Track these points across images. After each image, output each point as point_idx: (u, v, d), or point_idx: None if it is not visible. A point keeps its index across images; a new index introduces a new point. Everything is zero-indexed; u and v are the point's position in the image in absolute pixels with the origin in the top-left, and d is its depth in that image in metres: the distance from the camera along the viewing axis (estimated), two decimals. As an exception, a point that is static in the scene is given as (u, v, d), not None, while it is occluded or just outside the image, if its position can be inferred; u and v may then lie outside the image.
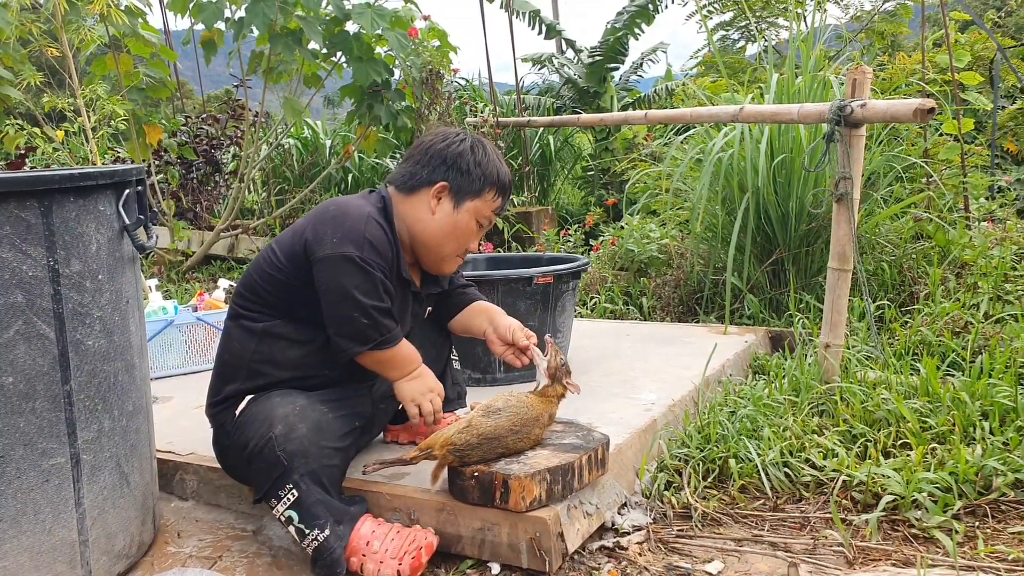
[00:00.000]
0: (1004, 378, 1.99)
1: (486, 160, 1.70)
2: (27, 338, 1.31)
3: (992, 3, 8.75)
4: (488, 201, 1.70)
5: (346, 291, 1.52)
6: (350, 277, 1.52)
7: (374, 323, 1.54)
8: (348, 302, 1.52)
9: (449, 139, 1.70)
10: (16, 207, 1.29)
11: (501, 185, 1.72)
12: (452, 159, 1.68)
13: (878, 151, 3.22)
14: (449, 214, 1.68)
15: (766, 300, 3.07)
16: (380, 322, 1.55)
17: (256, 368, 1.62)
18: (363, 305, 1.52)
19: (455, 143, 1.69)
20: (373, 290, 1.53)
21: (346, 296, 1.52)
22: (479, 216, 1.70)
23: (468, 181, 1.68)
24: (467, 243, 1.72)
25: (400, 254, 1.64)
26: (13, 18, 3.90)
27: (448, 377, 1.93)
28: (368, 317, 1.53)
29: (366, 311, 1.53)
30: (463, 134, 1.73)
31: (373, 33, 4.26)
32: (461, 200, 1.68)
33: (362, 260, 1.52)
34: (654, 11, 7.10)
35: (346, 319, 1.54)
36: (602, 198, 5.98)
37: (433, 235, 1.68)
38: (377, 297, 1.54)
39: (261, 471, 1.50)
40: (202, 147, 5.78)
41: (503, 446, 1.54)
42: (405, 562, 1.46)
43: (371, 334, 1.55)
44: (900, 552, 1.50)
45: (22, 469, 1.32)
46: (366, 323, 1.53)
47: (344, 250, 1.52)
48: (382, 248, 1.56)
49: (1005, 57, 4.22)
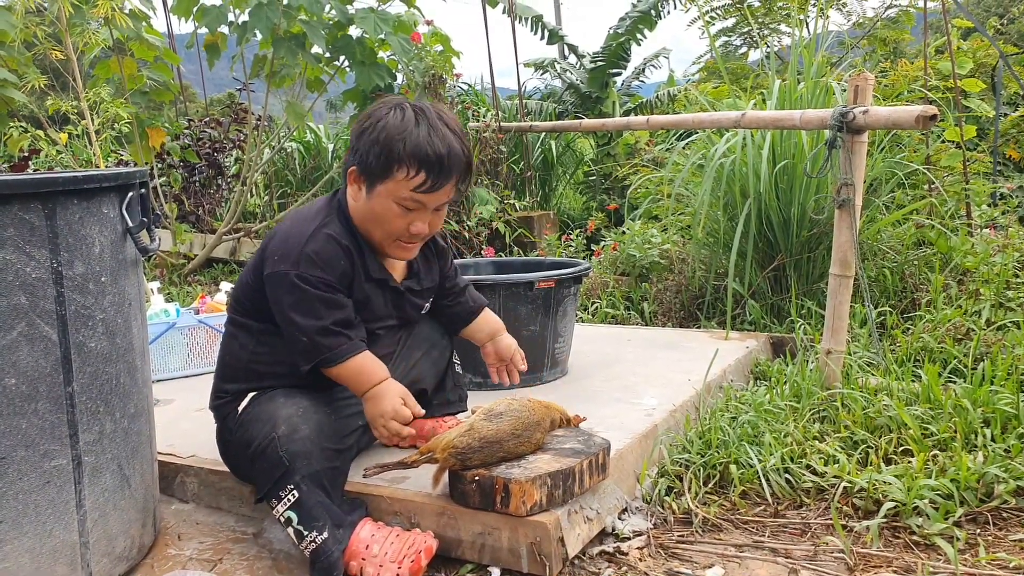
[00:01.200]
0: (1006, 385, 1.99)
1: (386, 134, 1.50)
2: (30, 340, 1.31)
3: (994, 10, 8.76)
4: (403, 182, 1.52)
5: (283, 310, 1.52)
6: (285, 296, 1.52)
7: (312, 342, 1.52)
8: (287, 321, 1.53)
9: (362, 117, 1.57)
10: (20, 209, 1.29)
11: (418, 159, 1.50)
12: (356, 139, 1.56)
13: (880, 157, 3.22)
14: (365, 200, 1.57)
15: (768, 306, 3.07)
16: (319, 342, 1.51)
17: (255, 369, 1.64)
18: (299, 325, 1.51)
19: (364, 119, 1.56)
20: (310, 309, 1.50)
21: (284, 315, 1.53)
22: (397, 199, 1.53)
23: (368, 162, 1.53)
24: (396, 227, 1.56)
25: (365, 256, 1.60)
26: (18, 21, 3.92)
27: (449, 380, 1.93)
28: (306, 336, 1.51)
29: (303, 331, 1.51)
30: (385, 107, 1.56)
31: (376, 38, 4.27)
32: (372, 184, 1.55)
33: (298, 278, 1.50)
34: (656, 17, 7.11)
35: (290, 337, 1.55)
36: (604, 203, 5.98)
37: (359, 222, 1.60)
38: (314, 316, 1.51)
39: (263, 471, 1.50)
40: (205, 150, 5.79)
41: (504, 450, 1.54)
42: (404, 566, 1.46)
43: (312, 353, 1.53)
44: (901, 559, 1.49)
45: (23, 470, 1.32)
46: (305, 342, 1.52)
47: (281, 268, 1.51)
48: (326, 260, 1.52)
49: (1007, 64, 4.22)
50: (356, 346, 1.55)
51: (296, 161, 6.81)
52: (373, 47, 4.45)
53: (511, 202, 5.14)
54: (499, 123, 5.22)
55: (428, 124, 1.53)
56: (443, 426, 1.87)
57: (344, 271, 1.56)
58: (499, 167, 5.29)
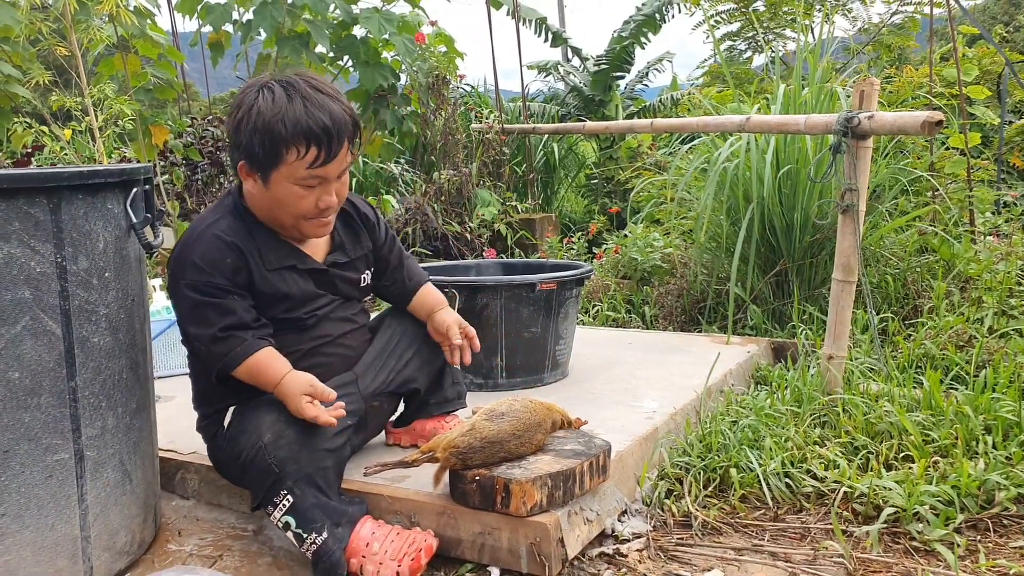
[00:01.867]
0: (1008, 392, 1.99)
1: (262, 120, 1.44)
2: (34, 334, 1.31)
3: (1000, 18, 8.78)
4: (295, 163, 1.46)
5: (181, 323, 1.54)
6: (180, 307, 1.53)
7: (207, 351, 1.51)
8: (184, 334, 1.55)
9: (235, 104, 1.50)
10: (25, 203, 1.29)
11: (303, 136, 1.43)
12: (234, 133, 1.49)
13: (884, 164, 3.22)
14: (263, 191, 1.52)
15: (769, 311, 3.07)
16: (212, 350, 1.51)
17: (227, 392, 1.61)
18: (193, 335, 1.52)
19: (235, 109, 1.49)
20: (202, 317, 1.50)
21: (182, 328, 1.55)
22: (296, 181, 1.48)
23: (254, 153, 1.47)
24: (304, 208, 1.52)
25: (260, 246, 1.56)
26: (22, 17, 3.92)
27: (447, 377, 1.90)
28: (202, 345, 1.51)
29: (199, 340, 1.51)
30: (249, 91, 1.49)
31: (380, 38, 4.27)
32: (265, 174, 1.49)
33: (187, 287, 1.49)
34: (661, 20, 7.12)
35: (191, 349, 1.58)
36: (606, 206, 5.98)
37: (265, 213, 1.57)
38: (206, 323, 1.49)
39: (255, 480, 1.50)
40: (208, 149, 5.79)
41: (506, 450, 1.54)
42: (404, 564, 1.46)
43: (209, 361, 1.53)
44: (901, 564, 1.49)
45: (26, 464, 1.32)
46: (203, 351, 1.52)
47: (173, 280, 1.52)
48: (213, 262, 1.49)
49: (1013, 72, 4.22)
50: (251, 346, 1.51)
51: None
52: (377, 47, 4.46)
53: (513, 204, 5.15)
54: (502, 125, 5.22)
55: (302, 96, 1.46)
56: (444, 425, 1.87)
57: (235, 268, 1.52)
58: (501, 169, 5.30)
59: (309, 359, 1.63)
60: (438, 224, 4.63)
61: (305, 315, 1.64)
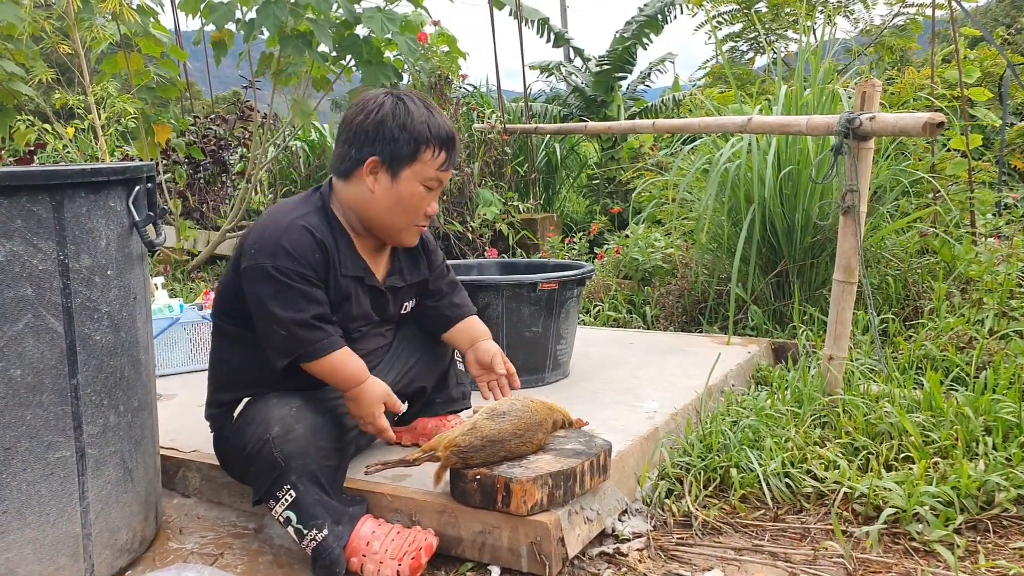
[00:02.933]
0: (1008, 394, 1.99)
1: (411, 120, 1.56)
2: (36, 331, 1.32)
3: (1002, 20, 8.77)
4: (428, 162, 1.58)
5: (262, 303, 1.50)
6: (264, 288, 1.49)
7: (291, 335, 1.50)
8: (265, 314, 1.51)
9: (367, 108, 1.58)
10: (28, 201, 1.30)
11: (440, 140, 1.58)
12: (374, 130, 1.56)
13: (885, 165, 3.22)
14: (389, 188, 1.58)
15: (770, 311, 3.07)
16: (297, 335, 1.50)
17: (248, 376, 1.62)
18: (278, 317, 1.49)
19: (374, 111, 1.57)
20: (290, 302, 1.49)
21: (263, 308, 1.50)
22: (423, 180, 1.59)
23: (397, 148, 1.56)
24: (419, 211, 1.62)
25: (341, 251, 1.59)
26: (26, 15, 3.93)
27: (452, 378, 1.93)
28: (285, 329, 1.49)
29: (282, 323, 1.49)
30: (382, 96, 1.60)
31: (383, 37, 4.28)
32: (398, 170, 1.57)
33: (276, 270, 1.48)
34: (663, 21, 7.11)
35: (267, 331, 1.53)
36: (607, 207, 5.98)
37: (380, 213, 1.60)
38: (295, 308, 1.49)
39: (259, 472, 1.50)
40: (210, 147, 5.80)
41: (506, 449, 1.54)
42: (405, 563, 1.46)
43: (290, 347, 1.51)
44: (901, 565, 1.49)
45: (27, 461, 1.32)
46: (284, 335, 1.50)
47: (258, 261, 1.50)
48: (303, 253, 1.51)
49: (1015, 74, 4.22)
50: (336, 342, 1.53)
51: (301, 160, 6.82)
52: (380, 46, 4.46)
53: (515, 204, 5.15)
54: (504, 125, 5.22)
55: (434, 111, 1.61)
56: (446, 424, 1.88)
57: (318, 264, 1.54)
58: (503, 169, 5.30)
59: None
60: (440, 224, 4.63)
61: (352, 327, 1.66)
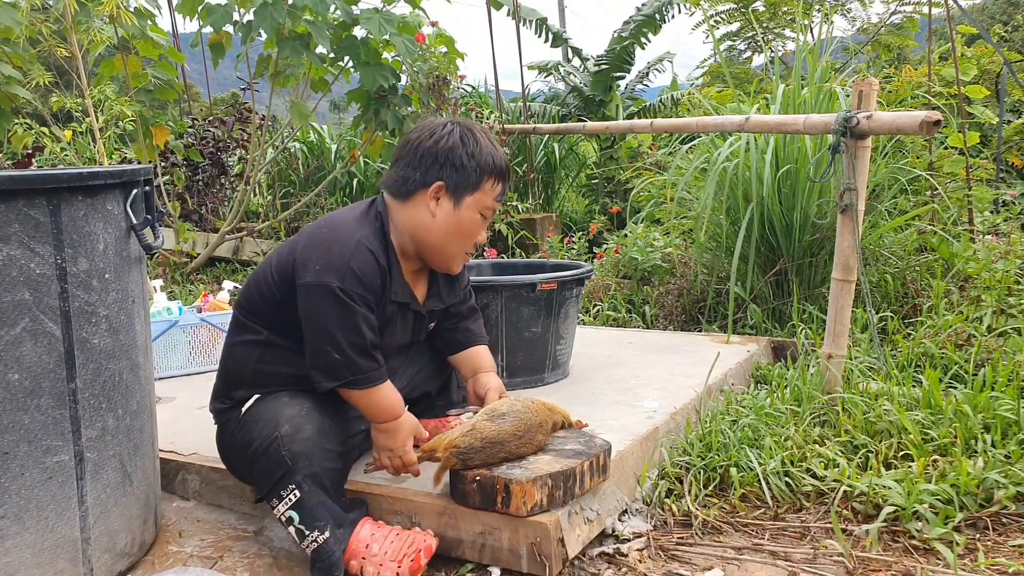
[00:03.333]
0: (1006, 391, 1.99)
1: (479, 150, 1.61)
2: (34, 335, 1.31)
3: (999, 17, 8.77)
4: (488, 191, 1.63)
5: (322, 323, 1.48)
6: (328, 309, 1.47)
7: (347, 360, 1.49)
8: (323, 334, 1.48)
9: (437, 134, 1.61)
10: (25, 205, 1.30)
11: (499, 171, 1.64)
12: (444, 156, 1.59)
13: (883, 163, 3.22)
14: (451, 213, 1.61)
15: (769, 310, 3.07)
16: (354, 360, 1.49)
17: (260, 375, 1.63)
18: (337, 341, 1.48)
19: (443, 137, 1.60)
20: (353, 326, 1.48)
21: (322, 328, 1.48)
22: (482, 209, 1.64)
23: (464, 176, 1.59)
24: (474, 239, 1.66)
25: (392, 276, 1.58)
26: (23, 18, 3.92)
27: (454, 382, 1.94)
28: (341, 354, 1.48)
29: (339, 347, 1.48)
30: (450, 124, 1.63)
31: (381, 38, 4.28)
32: (461, 197, 1.60)
33: (343, 292, 1.47)
34: (661, 21, 7.11)
35: (320, 351, 1.50)
36: (606, 206, 5.98)
37: (438, 238, 1.62)
38: (356, 333, 1.48)
39: (264, 470, 1.50)
40: (208, 149, 5.80)
41: (506, 451, 1.54)
42: (404, 564, 1.46)
43: (343, 372, 1.50)
44: (900, 563, 1.49)
45: (26, 466, 1.32)
46: (338, 359, 1.49)
47: (325, 279, 1.47)
48: (369, 277, 1.50)
49: (1011, 71, 4.22)
50: (384, 374, 1.55)
51: (300, 161, 6.82)
52: (378, 48, 4.46)
53: (514, 204, 5.15)
54: (502, 125, 5.22)
55: (493, 142, 1.66)
56: (446, 425, 1.88)
57: (378, 290, 1.54)
58: (502, 169, 5.29)
59: None
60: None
61: (389, 352, 1.66)
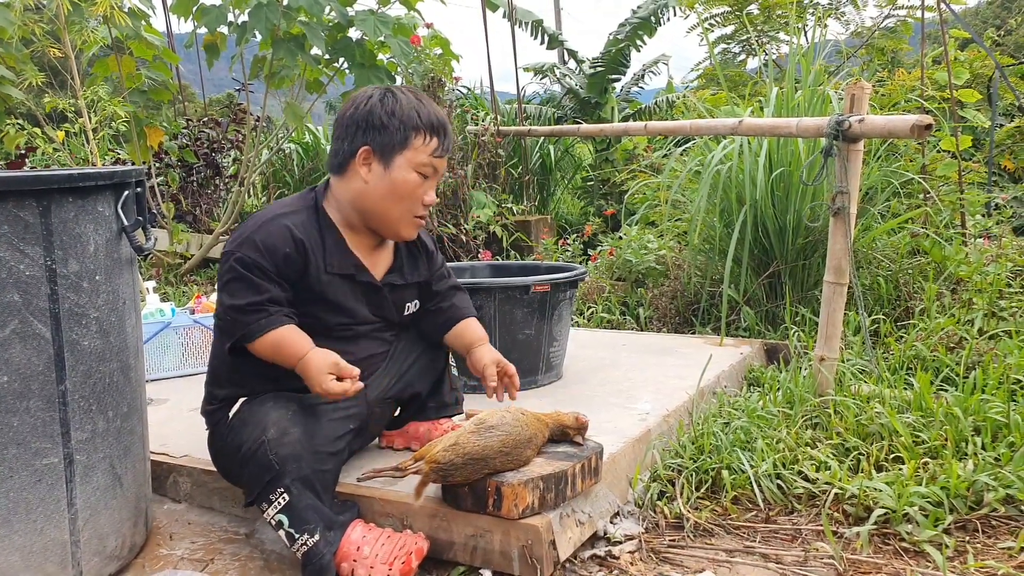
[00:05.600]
0: (997, 394, 2.00)
1: (398, 107, 1.59)
2: (23, 337, 1.31)
3: (992, 21, 8.80)
4: (420, 148, 1.60)
5: (219, 287, 1.58)
6: (223, 276, 1.57)
7: (232, 320, 1.55)
8: (217, 301, 1.59)
9: (357, 102, 1.62)
10: (15, 206, 1.29)
11: (429, 126, 1.61)
12: (364, 120, 1.60)
13: (876, 166, 3.23)
14: (382, 176, 1.60)
15: (762, 312, 3.08)
16: (237, 318, 1.54)
17: (245, 375, 1.63)
18: (224, 303, 1.56)
19: (363, 103, 1.61)
20: (237, 291, 1.54)
21: (218, 291, 1.58)
22: (418, 167, 1.61)
23: (388, 136, 1.59)
24: (416, 200, 1.63)
25: (328, 248, 1.61)
26: (16, 18, 3.91)
27: (446, 383, 1.92)
28: (227, 313, 1.55)
29: (226, 308, 1.55)
30: (370, 90, 1.64)
31: (376, 40, 4.28)
32: (390, 158, 1.60)
33: (236, 260, 1.54)
34: (656, 23, 7.14)
35: (217, 317, 1.60)
36: (601, 208, 5.99)
37: (375, 203, 1.62)
38: (239, 295, 1.54)
39: (253, 474, 1.50)
40: (203, 150, 5.79)
41: (490, 467, 1.49)
42: (395, 567, 1.46)
43: (231, 328, 1.56)
44: (890, 565, 1.50)
45: (15, 468, 1.32)
46: (227, 319, 1.56)
47: (227, 248, 1.57)
48: (271, 249, 1.54)
49: (1003, 75, 4.24)
50: (276, 320, 1.54)
51: (294, 162, 6.81)
52: (372, 49, 4.46)
53: (508, 206, 5.15)
54: (498, 127, 5.23)
55: (423, 99, 1.65)
56: (438, 429, 1.87)
57: (287, 259, 1.56)
58: (497, 171, 5.30)
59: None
60: (434, 226, 4.63)
61: (346, 325, 1.67)
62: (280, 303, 1.57)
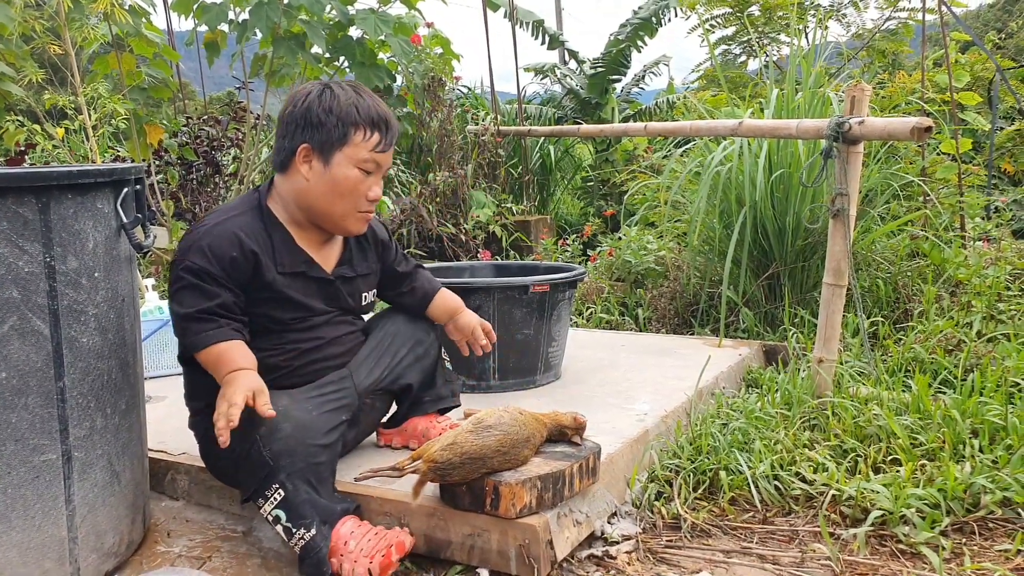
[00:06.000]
0: (995, 397, 2.00)
1: (336, 103, 1.58)
2: (21, 334, 1.31)
3: (993, 24, 8.81)
4: (359, 144, 1.59)
5: (169, 298, 1.58)
6: (174, 284, 1.57)
7: (182, 328, 1.55)
8: (170, 309, 1.59)
9: (296, 99, 1.62)
10: (14, 203, 1.29)
11: (368, 121, 1.60)
12: (302, 117, 1.59)
13: (876, 168, 3.23)
14: (322, 174, 1.60)
15: (761, 314, 3.08)
16: (186, 327, 1.54)
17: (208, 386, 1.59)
18: (174, 312, 1.56)
19: (300, 101, 1.60)
20: (187, 298, 1.54)
21: (169, 303, 1.59)
22: (359, 163, 1.60)
23: (326, 133, 1.58)
24: (359, 196, 1.63)
25: (276, 248, 1.62)
26: (16, 14, 3.91)
27: (440, 376, 1.92)
28: (178, 322, 1.56)
29: (177, 317, 1.55)
30: (309, 87, 1.63)
31: (376, 39, 4.28)
32: (329, 155, 1.59)
33: (184, 268, 1.54)
34: (657, 24, 7.14)
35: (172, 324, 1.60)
36: (601, 209, 5.99)
37: (317, 200, 1.62)
38: (187, 303, 1.54)
39: (248, 472, 1.50)
40: (203, 148, 5.78)
41: (488, 467, 1.49)
42: (376, 560, 1.45)
43: (181, 337, 1.57)
44: (887, 567, 1.50)
45: (12, 464, 1.32)
46: (178, 330, 1.57)
47: (176, 258, 1.58)
48: (219, 255, 1.54)
49: (1004, 78, 4.25)
50: (223, 333, 1.54)
51: (294, 161, 6.81)
52: (373, 48, 4.46)
53: (508, 206, 5.15)
54: (498, 127, 5.23)
55: (364, 94, 1.63)
56: (435, 425, 1.87)
57: (234, 265, 1.56)
58: (497, 171, 5.30)
59: (307, 356, 1.67)
60: (433, 226, 4.63)
61: (303, 318, 1.68)
62: (231, 309, 1.56)
